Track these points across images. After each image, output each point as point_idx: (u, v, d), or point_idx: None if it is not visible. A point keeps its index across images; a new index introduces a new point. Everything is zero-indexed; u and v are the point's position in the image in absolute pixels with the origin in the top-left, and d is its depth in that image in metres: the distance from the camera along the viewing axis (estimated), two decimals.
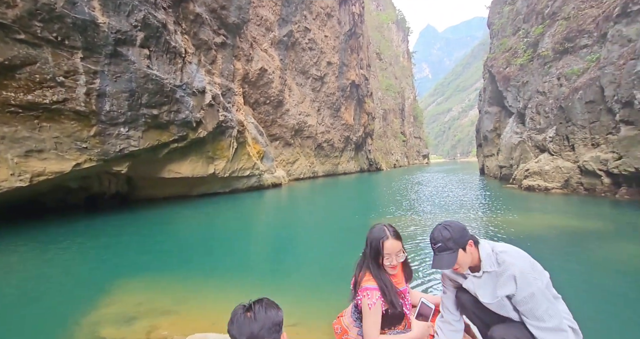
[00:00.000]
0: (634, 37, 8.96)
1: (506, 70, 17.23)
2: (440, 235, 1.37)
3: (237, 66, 17.05)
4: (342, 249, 5.14)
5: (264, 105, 23.08)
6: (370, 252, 1.42)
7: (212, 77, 13.94)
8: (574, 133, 11.03)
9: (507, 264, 1.30)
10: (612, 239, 5.07)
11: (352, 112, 35.06)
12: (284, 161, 25.09)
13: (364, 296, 1.35)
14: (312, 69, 28.50)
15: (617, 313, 2.81)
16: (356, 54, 36.47)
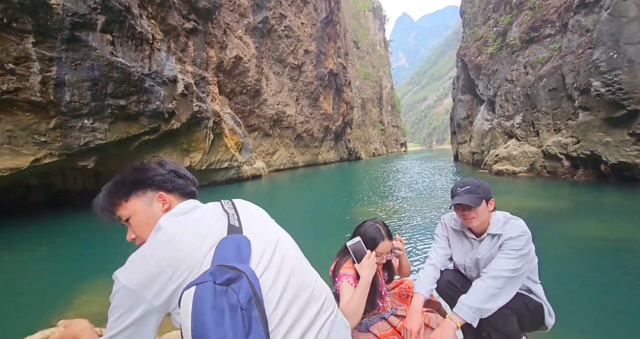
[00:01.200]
0: (591, 27, 9.55)
1: (478, 59, 17.81)
2: (472, 181, 1.44)
3: (211, 54, 16.33)
4: (324, 238, 5.24)
5: (241, 95, 22.42)
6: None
7: (183, 66, 13.29)
8: (538, 119, 11.73)
9: (510, 227, 1.38)
10: (570, 218, 5.54)
11: (330, 101, 34.96)
12: (264, 152, 24.75)
13: (341, 281, 1.33)
14: (289, 58, 27.90)
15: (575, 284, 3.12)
16: (333, 42, 36.07)
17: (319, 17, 32.26)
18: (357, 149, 43.98)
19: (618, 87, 7.91)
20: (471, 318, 1.26)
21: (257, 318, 0.60)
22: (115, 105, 9.52)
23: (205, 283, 0.60)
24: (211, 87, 15.71)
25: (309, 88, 31.06)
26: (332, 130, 35.29)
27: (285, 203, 10.18)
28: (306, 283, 0.75)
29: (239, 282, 0.61)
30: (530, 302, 1.38)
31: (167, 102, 11.32)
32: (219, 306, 0.58)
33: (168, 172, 0.85)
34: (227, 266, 0.63)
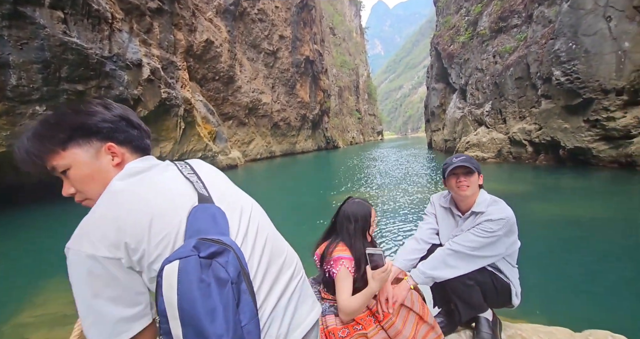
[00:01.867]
0: (553, 19, 10.05)
1: (450, 48, 18.24)
2: (465, 155, 1.53)
3: (179, 37, 15.29)
4: (303, 226, 5.25)
5: (213, 81, 21.41)
6: (357, 225, 1.38)
7: (149, 49, 12.35)
8: (505, 107, 12.35)
9: (494, 209, 1.42)
10: (532, 199, 5.98)
11: (307, 89, 34.44)
12: (239, 141, 24.07)
13: (339, 266, 1.30)
14: (263, 43, 26.89)
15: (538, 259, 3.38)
16: (309, 28, 35.17)
17: (294, 1, 31.17)
18: (335, 138, 44.12)
19: (576, 76, 8.47)
20: (421, 281, 1.36)
21: (246, 290, 0.59)
22: (72, 90, 8.70)
23: (189, 258, 0.56)
24: (180, 72, 14.81)
25: (285, 75, 30.31)
26: (309, 118, 34.98)
27: (263, 192, 10.05)
28: (280, 250, 0.76)
29: (226, 256, 0.58)
30: (498, 281, 1.43)
31: (132, 88, 10.54)
32: (205, 279, 0.55)
33: (118, 119, 0.71)
34: (211, 239, 0.59)
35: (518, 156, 11.62)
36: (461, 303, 1.44)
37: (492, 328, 1.46)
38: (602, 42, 7.89)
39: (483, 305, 1.45)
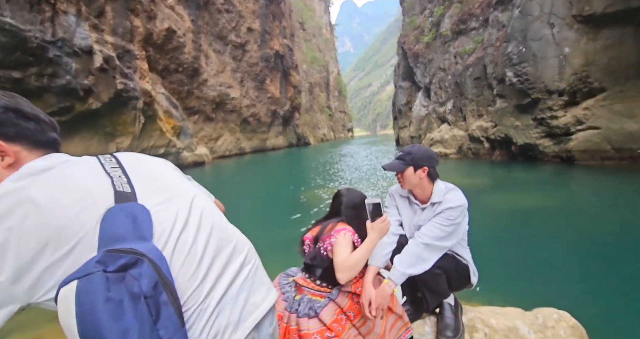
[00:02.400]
0: (506, 23, 10.86)
1: (415, 48, 18.98)
2: (406, 149, 1.53)
3: (136, 23, 14.14)
4: (273, 222, 5.16)
5: (177, 73, 20.18)
6: (349, 212, 1.38)
7: (101, 35, 11.27)
8: (465, 105, 13.16)
9: (450, 197, 1.46)
10: (488, 191, 6.45)
11: (277, 84, 33.86)
12: (206, 137, 23.04)
13: (343, 234, 1.25)
14: (230, 35, 25.86)
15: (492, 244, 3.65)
16: (279, 22, 34.50)
17: None
18: (306, 135, 44.04)
19: (525, 77, 9.26)
20: (400, 281, 1.37)
21: (167, 301, 0.53)
22: (7, 77, 7.69)
23: (90, 276, 0.48)
24: (138, 62, 13.74)
25: (254, 69, 29.50)
26: (280, 115, 34.48)
27: (232, 190, 9.73)
28: (228, 237, 0.71)
29: (139, 267, 0.51)
30: (459, 263, 1.51)
31: (82, 78, 9.58)
32: (115, 297, 0.47)
33: (2, 110, 0.60)
34: (120, 249, 0.51)
35: (477, 152, 12.46)
36: (429, 292, 1.49)
37: (454, 312, 1.52)
38: (547, 46, 8.69)
39: (447, 291, 1.51)
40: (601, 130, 7.80)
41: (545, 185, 6.71)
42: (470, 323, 1.54)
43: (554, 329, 1.52)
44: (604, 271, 2.77)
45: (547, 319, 1.56)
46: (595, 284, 2.56)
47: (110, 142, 11.41)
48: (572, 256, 3.15)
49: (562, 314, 1.59)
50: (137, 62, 13.60)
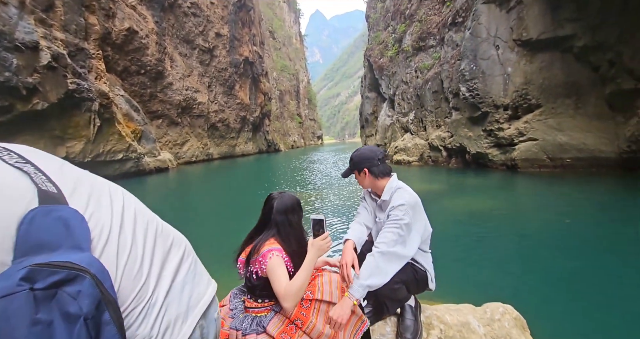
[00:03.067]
0: (459, 43, 11.98)
1: (380, 61, 20.04)
2: (351, 155, 1.66)
3: (92, 21, 13.22)
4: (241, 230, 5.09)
5: (138, 75, 19.10)
6: (292, 217, 1.35)
7: (49, 30, 10.38)
8: (425, 116, 14.11)
9: (396, 196, 1.50)
10: (445, 196, 6.96)
11: (247, 91, 33.46)
12: (171, 142, 21.92)
13: (270, 256, 1.22)
14: (198, 39, 25.19)
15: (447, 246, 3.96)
16: (248, 29, 34.38)
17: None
18: (276, 141, 43.77)
19: (476, 93, 10.24)
20: (360, 295, 1.32)
21: (109, 320, 0.47)
22: None
23: (12, 296, 0.40)
24: (94, 61, 12.81)
25: (223, 75, 28.91)
26: (249, 121, 33.97)
27: (195, 196, 9.37)
28: (165, 233, 0.70)
29: (78, 284, 0.44)
30: (418, 273, 1.53)
31: (25, 75, 8.72)
32: (43, 319, 0.41)
33: None
34: (53, 263, 0.44)
35: (436, 160, 13.37)
36: (390, 301, 1.54)
37: (414, 313, 1.60)
38: (493, 65, 9.75)
39: (408, 296, 1.57)
40: (538, 141, 8.86)
41: (493, 190, 7.43)
42: (427, 321, 1.63)
43: (500, 321, 1.66)
44: (542, 266, 3.16)
45: (494, 312, 1.70)
46: (534, 278, 2.91)
47: (58, 146, 10.40)
48: (515, 254, 3.55)
49: (506, 308, 1.73)
50: (92, 61, 12.68)
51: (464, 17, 11.84)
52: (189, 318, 0.66)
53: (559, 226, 4.28)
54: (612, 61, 7.23)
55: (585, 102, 7.93)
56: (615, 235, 3.78)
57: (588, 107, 7.88)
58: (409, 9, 17.16)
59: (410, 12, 17.03)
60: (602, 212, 4.82)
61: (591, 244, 3.58)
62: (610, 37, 7.14)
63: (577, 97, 8.07)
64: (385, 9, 21.04)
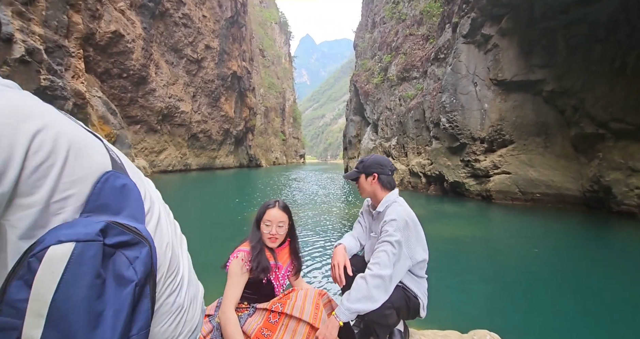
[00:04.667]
0: (441, 77, 12.79)
1: (366, 87, 20.90)
2: (361, 158, 1.61)
3: (76, 20, 12.79)
4: (211, 245, 4.76)
5: (120, 78, 18.46)
6: (255, 218, 1.42)
7: (27, 24, 9.87)
8: (407, 143, 14.61)
9: (391, 210, 1.49)
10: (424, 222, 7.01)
11: (232, 104, 33.31)
12: (147, 149, 20.94)
13: (233, 258, 1.30)
14: (186, 49, 25.12)
15: None
16: (238, 44, 34.93)
17: (224, 14, 30.75)
18: (258, 156, 43.25)
19: (455, 124, 10.79)
20: (347, 318, 1.28)
21: (148, 294, 0.49)
22: None
23: (91, 243, 0.41)
24: (73, 60, 12.24)
25: (209, 86, 28.72)
26: (232, 134, 33.52)
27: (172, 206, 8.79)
28: (177, 224, 0.74)
29: (138, 250, 0.46)
30: (410, 298, 1.46)
31: None
32: (102, 275, 0.42)
33: None
34: (126, 225, 0.46)
35: (415, 186, 13.68)
36: (379, 327, 1.46)
37: (403, 338, 1.56)
38: (472, 100, 10.40)
39: (397, 321, 1.50)
40: (511, 175, 9.35)
41: (471, 218, 7.62)
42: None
43: None
44: (520, 293, 3.17)
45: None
46: (515, 304, 2.90)
47: None
48: (495, 280, 3.54)
49: (493, 336, 1.73)
50: (71, 59, 12.11)
51: (445, 53, 12.74)
52: (198, 297, 0.71)
53: (529, 255, 4.43)
54: (576, 106, 7.95)
55: (553, 141, 8.56)
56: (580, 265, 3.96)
57: (556, 146, 8.49)
58: (395, 41, 18.29)
59: (396, 45, 18.13)
60: (566, 245, 5.09)
61: (560, 273, 3.71)
62: (575, 84, 7.91)
63: (546, 136, 8.70)
64: (373, 40, 22.30)
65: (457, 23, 11.08)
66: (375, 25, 22.79)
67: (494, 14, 9.30)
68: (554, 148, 8.51)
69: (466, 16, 10.36)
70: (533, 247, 4.78)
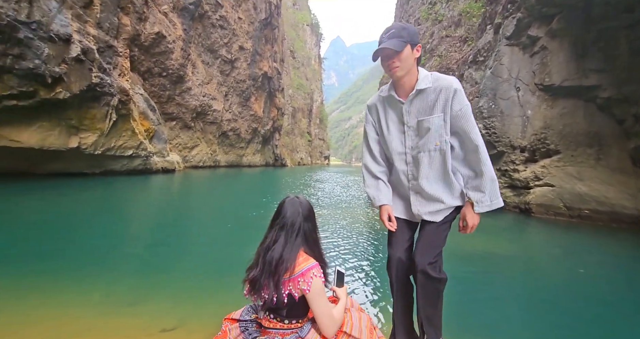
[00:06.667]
0: (479, 80, 12.14)
1: None
2: (397, 25, 1.25)
3: (125, 21, 13.78)
4: (234, 243, 4.81)
5: (160, 77, 19.61)
6: (307, 224, 1.22)
7: (83, 26, 10.76)
8: None
9: (442, 80, 1.26)
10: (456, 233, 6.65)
11: (262, 104, 34.14)
12: (181, 145, 22.04)
13: (312, 277, 1.10)
14: (222, 50, 26.14)
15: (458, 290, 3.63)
16: (270, 46, 35.74)
17: (258, 16, 31.61)
18: (284, 156, 43.94)
19: (493, 131, 10.16)
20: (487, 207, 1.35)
21: None
22: None
23: None
24: (120, 59, 13.18)
25: (241, 86, 29.66)
26: (260, 133, 34.34)
27: (198, 201, 9.12)
28: None
29: None
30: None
31: (53, 64, 8.89)
32: None
33: None
34: None
35: None
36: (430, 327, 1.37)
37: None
38: (513, 106, 9.73)
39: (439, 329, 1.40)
40: (555, 188, 8.60)
41: (507, 232, 7.08)
42: None
43: None
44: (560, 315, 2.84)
45: None
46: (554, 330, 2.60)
47: (72, 136, 10.40)
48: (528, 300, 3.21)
49: None
50: (118, 59, 13.04)
51: (485, 56, 12.08)
52: None
53: (572, 275, 3.98)
54: (638, 116, 7.14)
55: (608, 153, 7.74)
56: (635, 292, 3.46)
57: (611, 159, 7.67)
58: (430, 43, 17.68)
59: (431, 47, 17.53)
60: (618, 267, 4.52)
61: (610, 297, 3.27)
62: (638, 91, 7.09)
63: (599, 148, 7.90)
64: None
65: (500, 24, 10.47)
66: None
67: (544, 14, 8.65)
68: (609, 161, 7.69)
69: (511, 16, 9.74)
70: (578, 268, 4.30)
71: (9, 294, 2.43)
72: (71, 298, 2.45)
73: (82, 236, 4.61)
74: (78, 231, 4.87)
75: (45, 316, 2.12)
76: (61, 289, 2.61)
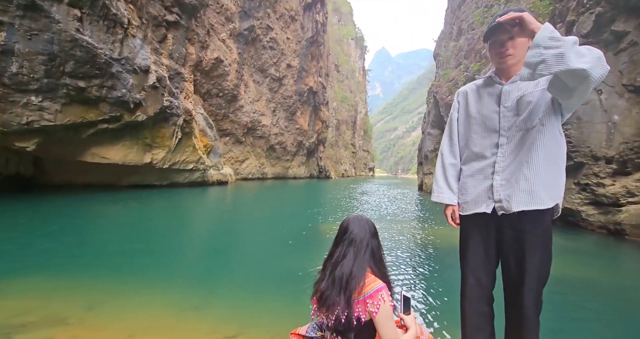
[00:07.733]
0: None
1: (448, 98, 19.31)
2: (517, 8, 1.18)
3: (190, 51, 15.70)
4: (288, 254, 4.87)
5: (217, 97, 21.68)
6: (374, 241, 1.22)
7: (159, 57, 12.52)
8: None
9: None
10: None
11: (307, 117, 35.31)
12: (233, 158, 23.80)
13: (381, 299, 1.08)
14: (271, 69, 27.97)
15: None
16: (316, 62, 37.12)
17: (305, 35, 33.23)
18: (328, 168, 44.37)
19: (568, 140, 8.88)
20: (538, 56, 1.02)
21: None
22: (73, 85, 8.50)
23: None
24: (186, 84, 14.94)
25: (287, 101, 31.17)
26: (305, 146, 35.36)
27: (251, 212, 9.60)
28: None
29: None
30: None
31: (135, 92, 10.43)
32: None
33: None
34: None
35: None
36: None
37: None
38: (593, 111, 8.42)
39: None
40: None
41: (590, 256, 5.96)
42: None
43: None
44: None
45: None
46: None
47: (147, 152, 11.97)
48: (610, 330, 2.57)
49: None
50: (185, 83, 14.80)
51: None
52: None
53: None
54: None
55: None
56: None
57: None
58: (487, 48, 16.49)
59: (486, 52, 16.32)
60: None
61: None
62: None
63: None
64: (458, 48, 20.69)
65: (574, 21, 9.34)
66: (462, 33, 21.14)
67: (631, 6, 7.49)
68: None
69: (588, 12, 8.63)
70: None
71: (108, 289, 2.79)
72: (151, 296, 2.74)
73: (161, 239, 5.16)
74: (159, 235, 5.47)
75: (98, 315, 2.39)
76: (147, 285, 2.93)
